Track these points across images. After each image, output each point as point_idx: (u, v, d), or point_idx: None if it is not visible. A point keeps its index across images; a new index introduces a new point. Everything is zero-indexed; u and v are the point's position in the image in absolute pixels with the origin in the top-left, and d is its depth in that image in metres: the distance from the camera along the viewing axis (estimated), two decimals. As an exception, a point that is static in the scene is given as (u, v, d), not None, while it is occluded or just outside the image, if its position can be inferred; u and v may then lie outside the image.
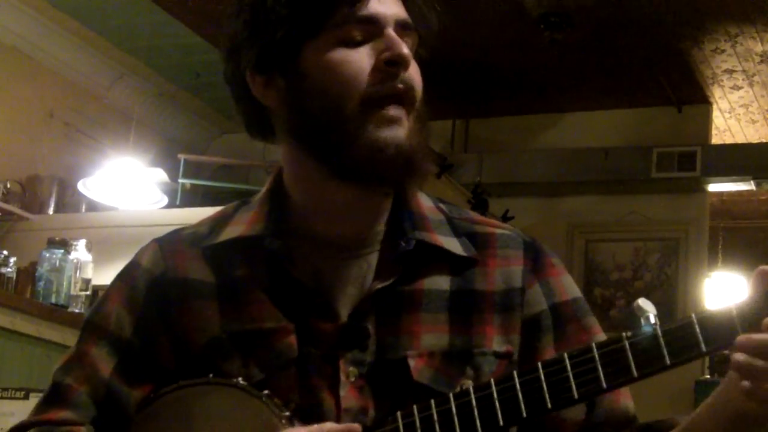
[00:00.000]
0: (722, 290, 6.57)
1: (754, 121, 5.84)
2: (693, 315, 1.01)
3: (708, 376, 5.59)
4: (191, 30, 4.70)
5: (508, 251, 1.23)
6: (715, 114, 5.73)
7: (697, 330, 1.00)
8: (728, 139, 6.08)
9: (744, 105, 5.64)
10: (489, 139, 5.94)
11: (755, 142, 6.03)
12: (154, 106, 5.20)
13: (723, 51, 4.97)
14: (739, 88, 5.41)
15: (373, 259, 1.20)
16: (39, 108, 4.58)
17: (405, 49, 1.14)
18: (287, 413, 1.09)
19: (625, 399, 1.19)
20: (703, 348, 1.00)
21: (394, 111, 1.13)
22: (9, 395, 2.80)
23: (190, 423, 1.11)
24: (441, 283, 1.19)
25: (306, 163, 1.19)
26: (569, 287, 1.25)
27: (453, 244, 1.21)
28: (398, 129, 1.13)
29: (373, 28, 1.14)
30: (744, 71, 5.20)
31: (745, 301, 1.00)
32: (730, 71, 5.21)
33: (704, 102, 5.61)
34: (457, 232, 1.23)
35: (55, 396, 1.21)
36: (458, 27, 4.81)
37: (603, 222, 5.76)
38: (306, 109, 1.16)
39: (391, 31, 1.15)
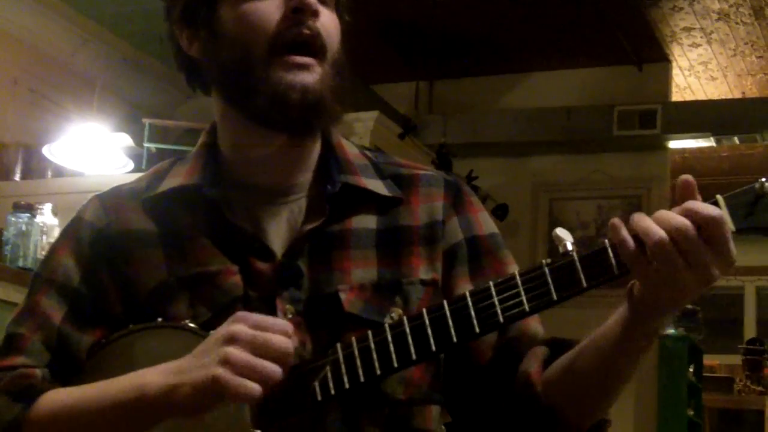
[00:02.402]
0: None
1: (713, 78, 5.92)
2: (606, 241, 1.07)
3: (673, 330, 5.71)
4: (153, -5, 4.70)
5: (431, 189, 1.31)
6: (675, 72, 5.80)
7: (611, 254, 1.06)
8: (689, 97, 6.16)
9: (703, 63, 5.72)
10: (453, 100, 5.98)
11: (715, 99, 6.12)
12: (119, 71, 5.20)
13: (681, 9, 5.03)
14: (698, 45, 5.48)
15: (304, 203, 1.27)
16: (3, 75, 4.57)
17: None
18: None
19: (535, 323, 1.27)
20: (615, 271, 1.06)
21: (300, 58, 1.20)
22: (-22, 355, 2.84)
23: (140, 364, 1.15)
24: (368, 222, 1.26)
25: (231, 115, 1.26)
26: (486, 223, 1.33)
27: (378, 186, 1.28)
28: (305, 74, 1.19)
29: None
30: (702, 29, 5.27)
31: None
32: (689, 29, 5.28)
33: (664, 60, 5.68)
34: (382, 174, 1.31)
35: (9, 345, 1.26)
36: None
37: (566, 181, 5.83)
38: (221, 59, 1.23)
39: None
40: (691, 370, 5.85)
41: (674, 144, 5.80)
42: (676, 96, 5.99)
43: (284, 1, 1.20)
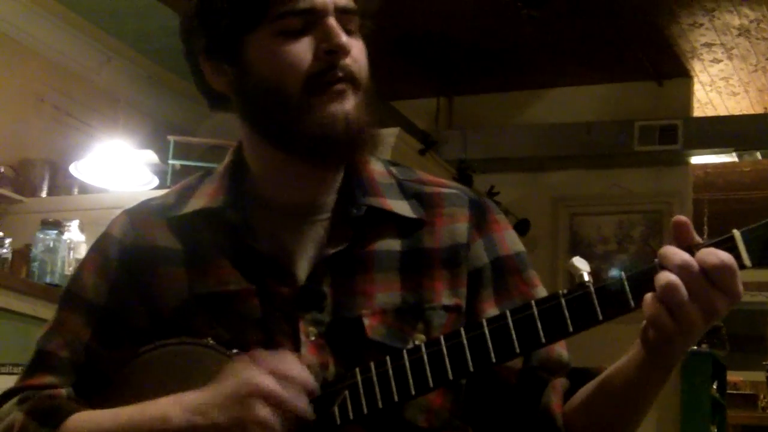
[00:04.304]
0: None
1: (735, 94, 5.90)
2: (622, 273, 1.08)
3: (695, 347, 5.69)
4: (176, 13, 4.75)
5: (455, 209, 1.30)
6: (696, 87, 5.78)
7: (627, 287, 1.07)
8: (710, 112, 6.14)
9: (724, 78, 5.71)
10: (473, 116, 5.98)
11: (737, 114, 6.10)
12: (143, 88, 5.25)
13: (701, 25, 5.03)
14: (719, 61, 5.47)
15: (328, 224, 1.27)
16: (28, 92, 4.63)
17: (342, 39, 1.19)
18: None
19: (559, 348, 1.26)
20: (632, 304, 1.07)
21: (338, 86, 1.19)
22: (7, 370, 2.91)
23: (165, 380, 1.18)
24: (392, 244, 1.26)
25: (259, 141, 1.27)
26: (511, 242, 1.32)
27: (402, 207, 1.28)
28: (344, 102, 1.19)
29: (312, 17, 1.19)
30: (723, 45, 5.26)
31: None
32: (709, 45, 5.27)
33: (685, 75, 5.66)
34: (406, 194, 1.30)
35: (38, 362, 1.29)
36: (440, 5, 4.88)
37: (587, 195, 5.82)
38: (252, 96, 1.23)
39: (330, 20, 1.20)
40: (714, 386, 5.81)
41: (696, 159, 5.78)
42: (698, 111, 5.97)
43: (315, 41, 1.20)
